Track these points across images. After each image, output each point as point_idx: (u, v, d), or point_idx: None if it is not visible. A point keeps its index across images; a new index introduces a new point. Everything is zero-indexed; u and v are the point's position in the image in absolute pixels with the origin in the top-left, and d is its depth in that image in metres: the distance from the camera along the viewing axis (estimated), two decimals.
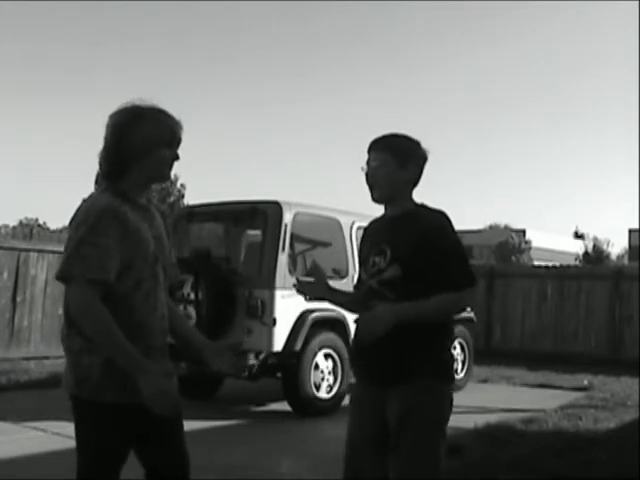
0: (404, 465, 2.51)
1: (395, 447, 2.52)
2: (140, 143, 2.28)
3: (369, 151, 2.69)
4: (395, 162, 2.62)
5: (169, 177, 2.45)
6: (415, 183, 2.71)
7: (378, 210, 2.82)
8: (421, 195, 2.74)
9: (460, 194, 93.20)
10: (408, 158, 2.64)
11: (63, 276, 2.19)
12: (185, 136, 2.41)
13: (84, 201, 2.29)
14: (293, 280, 3.05)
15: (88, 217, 2.19)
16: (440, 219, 2.62)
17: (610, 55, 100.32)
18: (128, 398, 2.18)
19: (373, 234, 2.78)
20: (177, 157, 2.38)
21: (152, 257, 2.30)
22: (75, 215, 2.25)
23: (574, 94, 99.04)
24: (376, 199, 2.70)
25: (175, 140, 2.37)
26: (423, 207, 2.69)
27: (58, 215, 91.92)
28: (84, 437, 2.27)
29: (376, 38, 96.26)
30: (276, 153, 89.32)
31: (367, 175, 2.68)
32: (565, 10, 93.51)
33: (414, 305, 2.49)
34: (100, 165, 2.32)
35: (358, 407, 2.72)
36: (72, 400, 2.27)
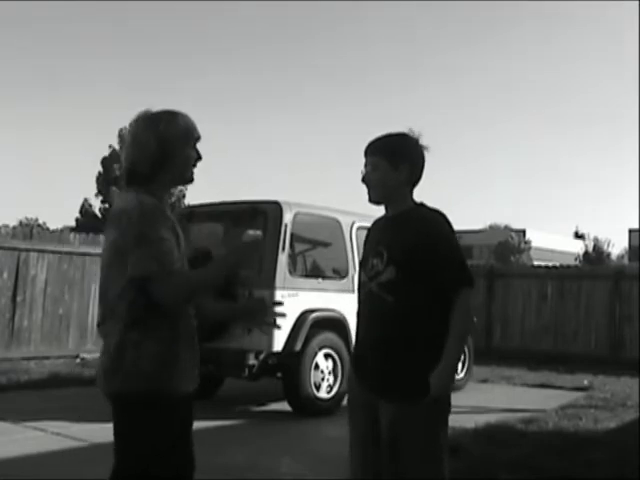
0: (405, 473, 2.50)
1: (391, 455, 2.51)
2: (173, 145, 2.34)
3: (365, 154, 2.71)
4: (388, 165, 2.63)
5: (193, 178, 2.46)
6: (414, 183, 2.70)
7: (377, 210, 2.82)
8: (421, 195, 2.74)
9: (460, 194, 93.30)
10: (401, 160, 2.63)
11: (139, 275, 2.18)
12: None
13: (119, 201, 2.34)
14: (293, 280, 3.04)
15: (144, 214, 2.22)
16: (437, 220, 2.61)
17: (610, 56, 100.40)
18: (175, 387, 2.26)
19: (373, 235, 2.79)
20: (200, 157, 2.44)
21: (181, 250, 2.39)
22: (119, 214, 2.27)
23: (574, 95, 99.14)
24: (372, 201, 2.72)
25: (197, 141, 2.44)
26: (422, 207, 2.68)
27: (58, 215, 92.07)
28: (136, 432, 2.25)
29: (376, 42, 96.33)
30: (276, 153, 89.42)
31: (363, 178, 2.70)
32: (565, 10, 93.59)
33: (449, 355, 2.48)
34: (134, 167, 2.35)
35: (352, 408, 2.73)
36: (118, 398, 2.25)
